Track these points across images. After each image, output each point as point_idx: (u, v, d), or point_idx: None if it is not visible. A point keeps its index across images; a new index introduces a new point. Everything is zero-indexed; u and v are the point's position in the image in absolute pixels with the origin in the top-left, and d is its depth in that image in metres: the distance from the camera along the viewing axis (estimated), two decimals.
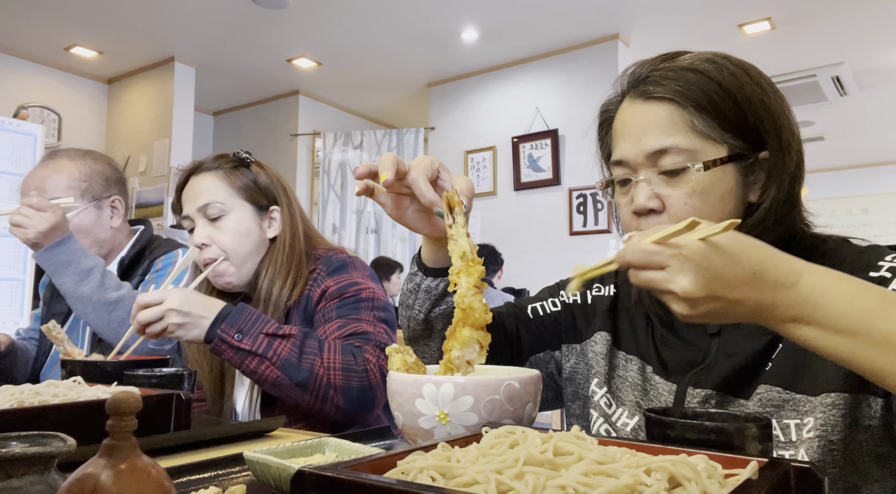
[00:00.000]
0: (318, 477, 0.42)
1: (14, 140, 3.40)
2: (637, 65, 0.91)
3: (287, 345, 1.21)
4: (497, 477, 0.42)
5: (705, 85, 0.83)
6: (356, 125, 7.09)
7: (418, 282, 0.95)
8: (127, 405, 0.39)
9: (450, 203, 0.77)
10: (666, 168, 0.83)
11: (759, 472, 0.44)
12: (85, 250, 1.56)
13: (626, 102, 0.89)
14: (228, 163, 1.46)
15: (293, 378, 1.20)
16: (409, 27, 5.09)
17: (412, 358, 0.78)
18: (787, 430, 0.77)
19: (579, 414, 1.00)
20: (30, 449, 0.46)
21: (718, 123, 0.82)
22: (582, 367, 1.00)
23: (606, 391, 0.94)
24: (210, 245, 1.39)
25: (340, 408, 1.23)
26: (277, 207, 1.48)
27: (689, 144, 0.82)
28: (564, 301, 1.07)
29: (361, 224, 6.30)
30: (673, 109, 0.83)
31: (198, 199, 1.41)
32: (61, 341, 1.29)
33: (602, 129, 0.97)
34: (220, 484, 0.72)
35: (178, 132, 5.67)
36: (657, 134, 0.84)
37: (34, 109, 5.56)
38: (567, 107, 5.32)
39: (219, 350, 1.21)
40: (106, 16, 4.94)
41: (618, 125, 0.90)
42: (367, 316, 1.35)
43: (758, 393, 0.80)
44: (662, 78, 0.85)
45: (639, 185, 0.85)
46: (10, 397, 0.86)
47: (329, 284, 1.38)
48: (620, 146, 0.88)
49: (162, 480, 0.39)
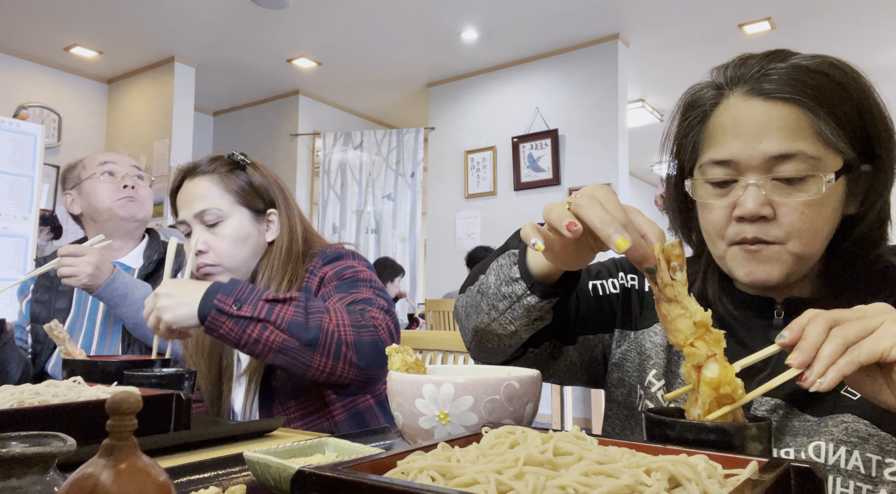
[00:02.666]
0: (318, 477, 0.42)
1: (14, 140, 3.39)
2: (742, 59, 0.84)
3: (290, 308, 1.16)
4: (497, 477, 0.42)
5: (834, 90, 0.78)
6: (356, 125, 7.09)
7: (519, 295, 0.81)
8: (127, 405, 0.39)
9: (668, 257, 0.66)
10: (787, 175, 0.77)
11: (759, 472, 0.44)
12: (134, 280, 1.66)
13: (735, 98, 0.81)
14: (224, 166, 1.43)
15: (302, 338, 1.14)
16: (409, 27, 5.09)
17: (412, 357, 0.78)
18: (869, 464, 0.74)
19: (622, 402, 0.96)
20: (30, 449, 0.46)
21: (843, 132, 0.78)
22: (634, 356, 0.96)
23: (664, 384, 0.90)
24: (207, 251, 1.37)
25: (354, 365, 1.17)
26: (275, 210, 1.46)
27: (814, 151, 0.77)
28: (624, 284, 1.01)
29: (361, 224, 6.30)
30: (801, 113, 0.77)
31: (194, 205, 1.38)
32: (63, 340, 1.29)
33: (687, 121, 0.88)
34: (220, 484, 0.72)
35: (178, 132, 5.67)
36: (781, 137, 0.77)
37: (34, 109, 5.57)
38: (567, 107, 5.32)
39: (216, 323, 1.13)
40: (106, 16, 4.94)
41: (725, 121, 0.82)
42: (366, 291, 1.33)
43: (844, 421, 0.76)
44: (788, 77, 0.78)
45: (750, 190, 0.78)
46: (10, 397, 0.86)
47: (326, 271, 1.38)
48: (729, 145, 0.80)
49: (162, 480, 0.39)
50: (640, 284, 1.00)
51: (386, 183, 6.26)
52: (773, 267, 0.79)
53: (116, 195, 1.82)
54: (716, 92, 0.84)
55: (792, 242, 0.78)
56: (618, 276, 1.02)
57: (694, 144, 0.87)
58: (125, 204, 1.81)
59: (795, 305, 0.84)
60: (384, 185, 6.26)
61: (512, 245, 0.87)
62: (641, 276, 1.00)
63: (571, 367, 0.99)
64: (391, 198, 6.23)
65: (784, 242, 0.78)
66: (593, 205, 0.65)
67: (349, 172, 6.37)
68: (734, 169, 0.80)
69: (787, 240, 0.78)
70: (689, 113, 0.88)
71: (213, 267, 1.37)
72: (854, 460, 0.74)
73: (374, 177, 6.30)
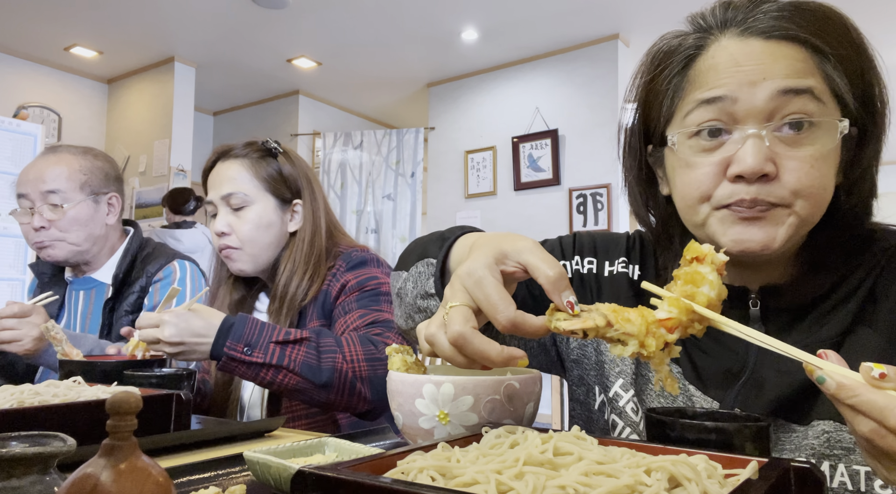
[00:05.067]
0: (318, 477, 0.42)
1: (14, 140, 3.40)
2: (724, 3, 0.72)
3: (301, 350, 1.17)
4: (497, 477, 0.42)
5: (839, 30, 0.67)
6: (356, 125, 7.09)
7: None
8: (127, 405, 0.39)
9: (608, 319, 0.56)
10: (796, 116, 0.65)
11: (759, 472, 0.44)
12: (75, 336, 1.47)
13: (728, 40, 0.69)
14: (256, 152, 1.44)
15: (315, 380, 1.15)
16: (409, 27, 5.09)
17: (412, 357, 0.78)
18: (857, 477, 0.66)
19: (581, 401, 0.89)
20: (30, 449, 0.46)
21: (848, 80, 0.67)
22: (591, 353, 0.86)
23: (634, 395, 0.80)
24: (230, 233, 1.39)
25: (367, 401, 1.20)
26: (300, 201, 1.46)
27: (822, 95, 0.66)
28: (579, 269, 0.89)
29: (361, 224, 6.30)
30: (806, 54, 0.66)
31: (223, 187, 1.40)
32: (60, 341, 1.29)
33: (662, 72, 0.74)
34: (220, 484, 0.72)
35: (178, 132, 5.67)
36: (789, 73, 0.65)
37: (34, 109, 5.56)
38: (567, 107, 5.32)
39: (229, 367, 1.15)
40: (106, 16, 4.94)
41: (718, 62, 0.69)
42: (387, 308, 1.33)
43: (825, 430, 0.68)
44: (788, 13, 0.67)
45: (750, 142, 0.65)
46: (10, 397, 0.86)
47: (349, 278, 1.36)
48: (725, 82, 0.67)
49: (162, 480, 0.39)
50: (599, 270, 0.88)
51: (386, 183, 6.26)
52: (777, 230, 0.67)
53: (32, 237, 1.65)
54: (700, 35, 0.72)
55: (800, 202, 0.67)
56: (572, 260, 0.90)
57: (672, 97, 0.73)
58: (40, 251, 1.66)
59: (772, 293, 0.75)
60: (384, 185, 6.26)
61: (430, 252, 0.77)
62: (601, 261, 0.88)
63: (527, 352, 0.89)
64: (391, 198, 6.22)
65: (790, 204, 0.67)
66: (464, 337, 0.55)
67: (349, 172, 6.37)
68: (728, 116, 0.68)
69: (794, 201, 0.67)
70: (664, 62, 0.74)
71: (235, 250, 1.39)
72: (839, 476, 0.67)
73: (374, 177, 6.30)
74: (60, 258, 1.67)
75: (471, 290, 0.58)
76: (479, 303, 0.58)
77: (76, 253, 1.68)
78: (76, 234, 1.65)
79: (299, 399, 1.21)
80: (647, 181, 0.82)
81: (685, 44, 0.73)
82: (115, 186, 1.78)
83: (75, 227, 1.65)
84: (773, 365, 0.73)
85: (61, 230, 1.64)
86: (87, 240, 1.69)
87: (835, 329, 0.72)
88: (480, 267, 0.59)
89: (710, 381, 0.76)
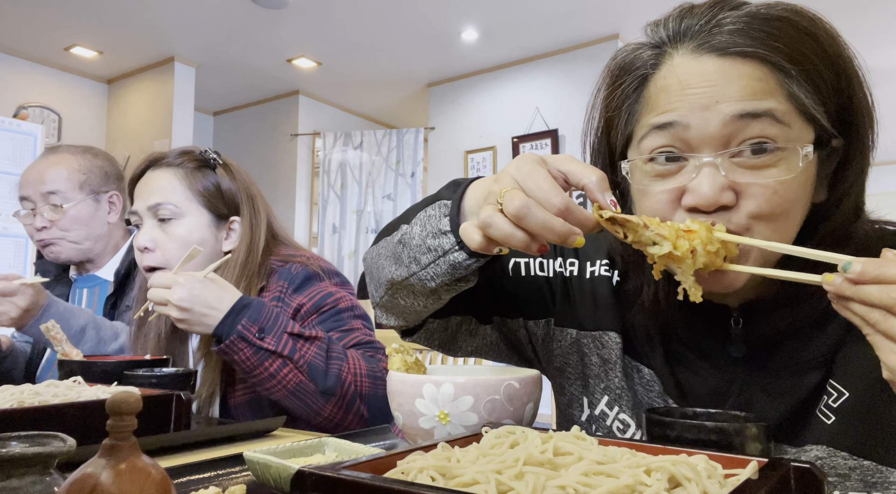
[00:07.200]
0: (318, 477, 0.42)
1: (14, 140, 3.41)
2: (683, 9, 0.67)
3: (313, 348, 1.10)
4: (497, 477, 0.42)
5: (806, 43, 0.62)
6: (356, 125, 7.09)
7: (446, 249, 0.69)
8: (127, 405, 0.39)
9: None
10: (754, 140, 0.60)
11: (759, 472, 0.44)
12: (70, 308, 1.45)
13: (681, 57, 0.65)
14: (192, 162, 1.32)
15: (319, 384, 1.08)
16: (409, 27, 5.09)
17: (412, 357, 0.78)
18: None
19: (563, 411, 0.87)
20: (30, 449, 0.46)
21: (818, 96, 0.62)
22: (575, 361, 0.83)
23: (619, 412, 0.78)
24: (154, 250, 1.27)
25: (364, 419, 1.14)
26: (238, 218, 1.34)
27: (785, 115, 0.61)
28: (562, 272, 0.85)
29: (361, 224, 6.30)
30: (766, 71, 0.61)
31: (150, 197, 1.28)
32: (60, 341, 1.29)
33: (620, 89, 0.70)
34: (220, 484, 0.72)
35: (178, 132, 5.67)
36: (745, 96, 0.60)
37: (34, 109, 5.56)
38: (567, 107, 5.32)
39: (232, 349, 1.07)
40: (106, 16, 4.94)
41: (669, 84, 0.64)
42: (356, 324, 1.25)
43: (819, 456, 0.65)
44: (747, 27, 0.62)
45: (705, 171, 0.61)
46: (10, 397, 0.86)
47: (301, 301, 1.25)
48: (676, 106, 0.63)
49: (162, 480, 0.39)
50: (581, 272, 0.85)
51: (386, 183, 6.26)
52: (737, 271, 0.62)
53: (35, 236, 1.66)
54: (655, 51, 0.67)
55: (759, 227, 0.62)
56: (555, 261, 0.87)
57: (628, 117, 0.69)
58: (44, 250, 1.67)
59: (753, 310, 0.71)
60: (384, 185, 6.26)
61: (444, 195, 0.74)
62: (583, 261, 0.85)
63: (494, 346, 0.90)
64: (391, 198, 6.22)
65: (749, 228, 0.62)
66: (528, 207, 0.56)
67: (349, 172, 6.37)
68: (681, 143, 0.63)
69: (754, 225, 0.62)
70: (621, 78, 0.70)
71: (158, 269, 1.27)
72: None
73: (374, 177, 6.30)
74: (63, 257, 1.69)
75: (522, 181, 0.59)
76: (530, 193, 0.58)
77: (79, 251, 1.70)
78: (77, 233, 1.67)
79: (289, 405, 1.12)
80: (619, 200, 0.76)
81: (639, 60, 0.69)
82: (116, 185, 1.79)
83: (76, 226, 1.66)
84: (763, 387, 0.69)
85: (63, 229, 1.66)
86: (89, 239, 1.71)
87: (825, 344, 0.69)
88: (529, 162, 0.61)
89: (697, 402, 0.73)
